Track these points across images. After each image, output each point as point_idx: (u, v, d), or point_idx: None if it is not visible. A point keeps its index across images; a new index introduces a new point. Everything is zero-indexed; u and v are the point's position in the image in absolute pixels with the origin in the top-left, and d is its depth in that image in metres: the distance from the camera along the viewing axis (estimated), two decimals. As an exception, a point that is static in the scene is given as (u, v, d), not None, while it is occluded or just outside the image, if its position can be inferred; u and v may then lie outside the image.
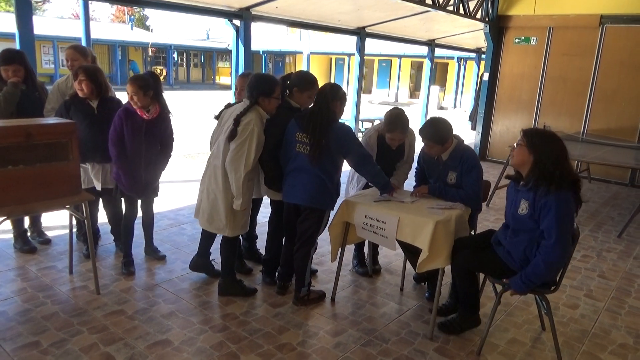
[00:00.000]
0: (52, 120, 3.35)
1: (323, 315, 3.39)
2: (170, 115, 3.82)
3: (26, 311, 3.20)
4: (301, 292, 3.47)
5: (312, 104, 3.33)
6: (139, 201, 3.92)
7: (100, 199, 4.10)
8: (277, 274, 3.71)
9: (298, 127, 3.26)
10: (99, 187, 3.90)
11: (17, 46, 5.52)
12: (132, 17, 36.83)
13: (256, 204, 3.85)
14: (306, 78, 3.43)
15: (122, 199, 3.91)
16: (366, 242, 4.04)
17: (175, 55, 32.85)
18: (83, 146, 3.60)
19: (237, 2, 7.67)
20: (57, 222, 4.71)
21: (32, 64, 5.16)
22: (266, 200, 3.79)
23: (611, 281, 4.25)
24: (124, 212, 3.95)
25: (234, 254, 3.56)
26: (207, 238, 3.72)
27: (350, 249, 4.17)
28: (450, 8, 8.13)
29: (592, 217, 6.25)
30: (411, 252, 3.50)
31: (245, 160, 3.12)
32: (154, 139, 3.71)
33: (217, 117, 3.45)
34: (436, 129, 3.32)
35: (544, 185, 2.66)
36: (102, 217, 4.26)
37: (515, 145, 2.85)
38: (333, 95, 3.24)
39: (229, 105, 3.44)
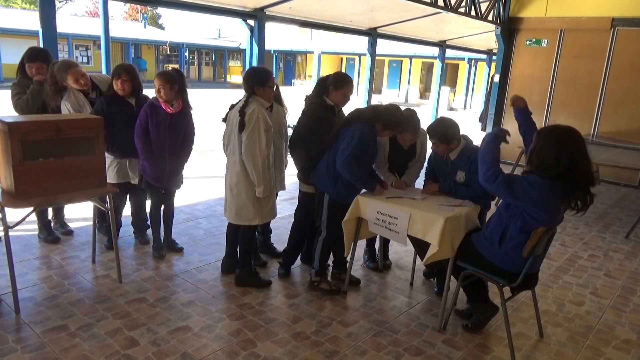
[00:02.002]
0: (80, 115, 3.51)
1: (335, 306, 3.52)
2: (191, 110, 3.98)
3: (53, 297, 3.36)
4: (311, 274, 3.68)
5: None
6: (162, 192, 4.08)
7: (128, 193, 4.23)
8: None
9: None
10: (135, 181, 4.05)
11: (41, 43, 5.71)
12: (145, 15, 37.16)
13: None
14: (341, 78, 3.69)
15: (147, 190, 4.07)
16: (377, 238, 4.17)
17: (187, 53, 33.11)
18: (124, 142, 3.82)
19: (252, 3, 7.82)
20: (78, 214, 4.88)
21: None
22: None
23: (617, 280, 4.34)
24: (150, 204, 4.11)
25: (250, 246, 3.71)
26: (232, 238, 3.84)
27: (361, 245, 4.29)
28: (462, 10, 8.22)
29: (600, 218, 6.32)
30: (421, 248, 3.61)
31: (259, 146, 3.31)
32: (177, 132, 3.88)
33: (224, 120, 3.60)
34: (442, 128, 3.46)
35: None
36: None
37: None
38: (380, 117, 3.44)
39: (232, 107, 3.60)
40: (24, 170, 3.04)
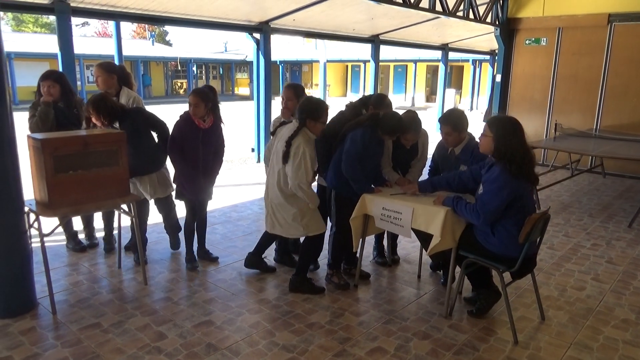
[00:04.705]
0: (103, 130, 3.79)
1: (347, 298, 3.74)
2: (222, 124, 4.21)
3: (85, 299, 3.63)
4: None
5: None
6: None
7: (156, 204, 4.42)
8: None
9: None
10: (148, 198, 4.21)
11: (59, 64, 6.06)
12: (153, 33, 37.89)
13: None
14: (381, 100, 4.06)
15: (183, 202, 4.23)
16: (385, 235, 4.38)
17: (194, 68, 33.70)
18: None
19: (257, 17, 8.13)
20: (102, 224, 5.15)
21: (72, 82, 5.64)
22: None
23: (618, 266, 4.50)
24: (185, 216, 4.26)
25: (310, 256, 3.92)
26: (267, 240, 4.09)
27: (370, 243, 4.52)
28: (460, 14, 8.44)
29: (604, 209, 6.47)
30: (425, 240, 3.82)
31: (306, 177, 3.50)
32: (209, 146, 4.09)
33: (272, 134, 3.85)
34: (455, 117, 3.70)
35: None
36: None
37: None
38: (378, 124, 3.68)
39: (283, 123, 3.82)
40: (56, 182, 3.32)
